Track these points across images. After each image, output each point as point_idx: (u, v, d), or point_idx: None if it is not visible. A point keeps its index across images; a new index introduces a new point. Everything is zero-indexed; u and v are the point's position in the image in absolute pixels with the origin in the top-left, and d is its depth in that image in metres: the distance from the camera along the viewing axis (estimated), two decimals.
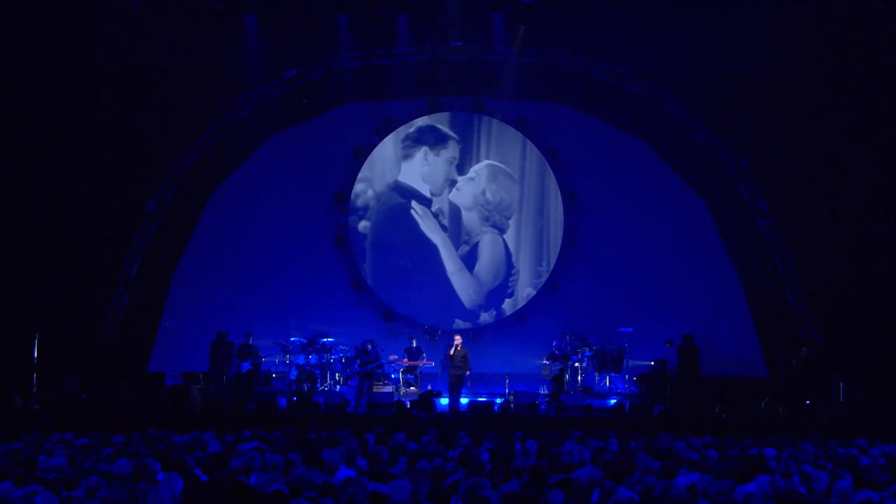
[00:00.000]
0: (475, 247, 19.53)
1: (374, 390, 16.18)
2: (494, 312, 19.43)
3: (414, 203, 19.50)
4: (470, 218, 19.55)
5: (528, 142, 19.62)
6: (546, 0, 17.33)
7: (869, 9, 16.44)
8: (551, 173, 19.54)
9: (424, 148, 19.61)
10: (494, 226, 19.56)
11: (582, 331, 17.89)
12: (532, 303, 19.37)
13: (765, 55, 17.43)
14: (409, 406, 15.18)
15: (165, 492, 6.90)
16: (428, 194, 19.57)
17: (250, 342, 16.33)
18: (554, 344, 17.00)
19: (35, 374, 16.50)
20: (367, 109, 19.56)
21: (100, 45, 17.36)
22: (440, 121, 19.72)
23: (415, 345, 17.55)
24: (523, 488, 7.32)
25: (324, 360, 17.20)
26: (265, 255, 18.98)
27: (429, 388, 17.00)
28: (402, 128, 19.65)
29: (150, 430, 11.28)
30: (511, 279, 19.53)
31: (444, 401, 16.12)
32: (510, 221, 19.61)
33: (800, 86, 17.59)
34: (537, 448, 9.34)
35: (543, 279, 19.43)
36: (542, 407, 15.88)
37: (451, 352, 16.01)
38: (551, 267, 19.44)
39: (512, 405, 15.71)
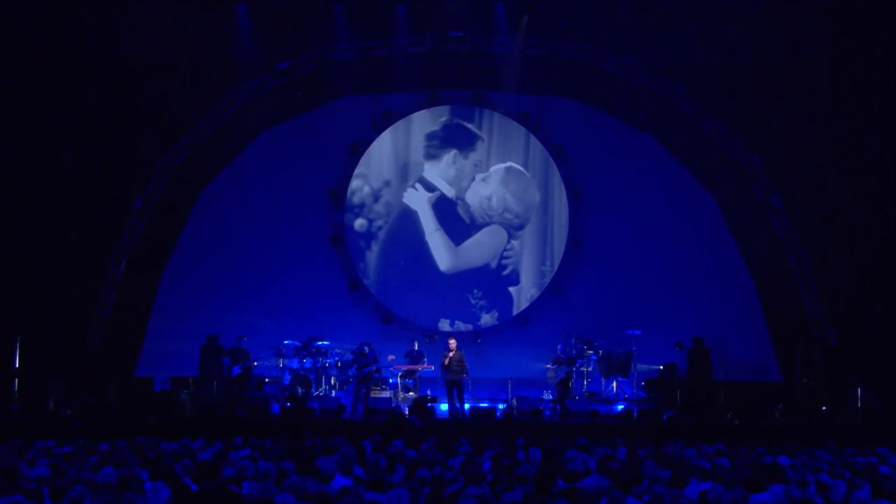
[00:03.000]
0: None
1: (372, 395, 16.16)
2: (496, 314, 19.40)
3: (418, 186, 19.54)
4: (476, 216, 19.58)
5: (532, 137, 19.59)
6: None
7: None
8: (556, 169, 19.52)
9: (454, 151, 19.57)
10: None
11: (588, 333, 17.86)
12: (536, 304, 19.35)
13: (779, 47, 17.41)
14: (407, 412, 15.18)
15: (153, 501, 6.88)
16: (452, 196, 19.55)
17: (243, 344, 16.27)
18: (559, 347, 16.99)
19: (17, 380, 16.49)
20: (364, 103, 19.54)
21: (84, 34, 17.32)
22: (468, 118, 19.67)
23: (416, 348, 17.51)
24: (527, 498, 7.30)
25: (319, 364, 17.18)
26: (258, 255, 18.95)
27: (428, 392, 16.99)
28: (427, 124, 19.61)
29: (138, 437, 11.30)
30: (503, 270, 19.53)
31: (444, 406, 16.10)
32: (520, 232, 19.54)
33: (815, 78, 17.57)
34: (541, 456, 9.34)
35: (547, 280, 19.41)
36: (547, 413, 15.87)
37: (447, 357, 15.91)
38: (556, 267, 19.42)
39: (515, 411, 15.71)
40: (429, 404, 15.53)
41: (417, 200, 19.55)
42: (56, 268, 17.49)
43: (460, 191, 19.56)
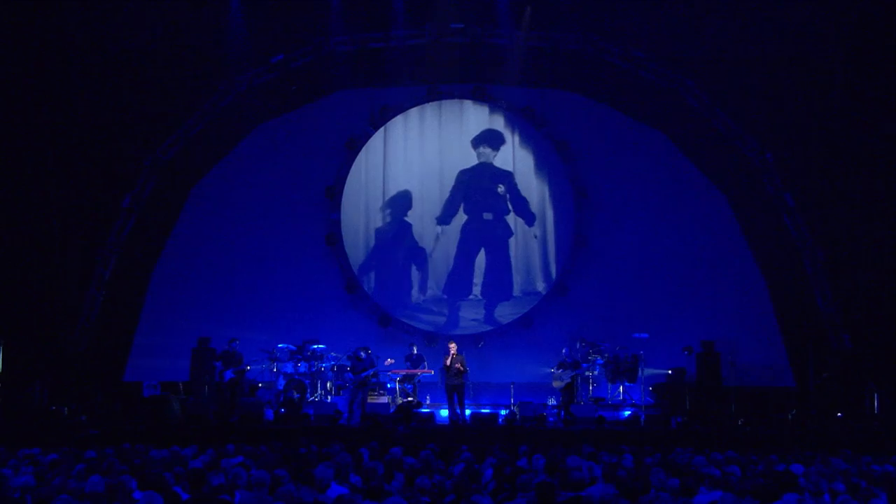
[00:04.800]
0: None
1: (370, 401, 16.16)
2: (499, 316, 19.36)
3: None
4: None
5: (536, 132, 19.59)
6: None
7: None
8: (560, 166, 19.51)
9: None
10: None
11: (593, 337, 17.86)
12: (539, 306, 19.33)
13: (793, 38, 17.38)
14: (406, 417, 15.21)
15: None
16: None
17: (235, 348, 16.29)
18: (563, 351, 16.97)
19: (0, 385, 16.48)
20: (361, 97, 19.56)
21: (72, 27, 17.32)
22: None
23: (415, 352, 17.49)
24: None
25: (314, 369, 17.16)
26: (251, 255, 18.97)
27: (427, 399, 17.00)
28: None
29: (126, 444, 11.29)
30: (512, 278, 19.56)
31: (445, 412, 16.10)
32: (524, 231, 19.56)
33: (830, 71, 17.55)
34: (545, 463, 9.34)
35: (552, 281, 19.39)
36: (551, 419, 15.87)
37: (448, 361, 15.91)
38: (560, 268, 19.40)
39: (517, 417, 15.70)
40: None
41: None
42: (41, 268, 17.48)
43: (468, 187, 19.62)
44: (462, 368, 15.82)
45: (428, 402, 17.20)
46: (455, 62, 19.14)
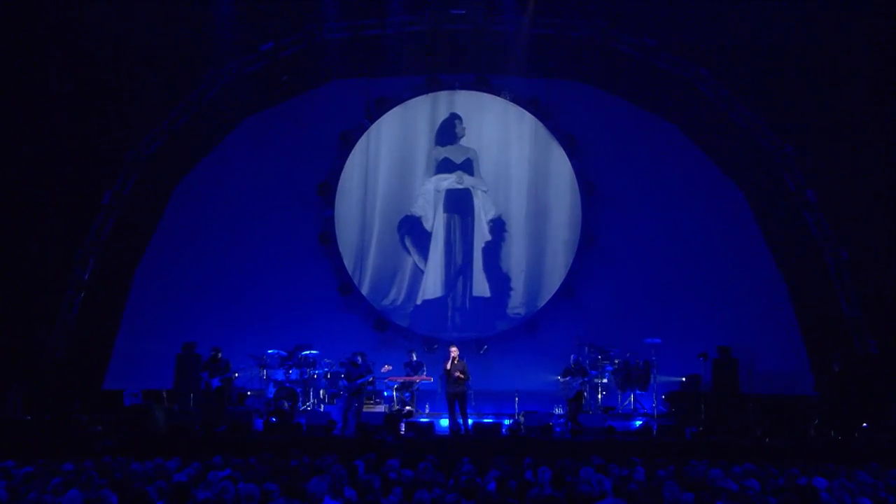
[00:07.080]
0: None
1: (365, 410, 16.15)
2: (502, 320, 19.36)
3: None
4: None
5: (541, 125, 19.59)
6: None
7: None
8: (567, 161, 19.51)
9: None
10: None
11: (602, 342, 17.87)
12: (545, 309, 19.33)
13: (814, 26, 17.37)
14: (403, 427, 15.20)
15: None
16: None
17: (219, 356, 16.26)
18: (570, 357, 16.95)
19: None
20: (356, 88, 19.56)
21: (49, 14, 17.31)
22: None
23: (415, 358, 17.50)
24: None
25: (306, 376, 17.19)
26: (239, 255, 18.96)
27: (427, 407, 16.98)
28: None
29: (106, 456, 11.28)
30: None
31: (445, 422, 16.09)
32: (528, 230, 19.57)
33: (854, 60, 17.54)
34: (551, 476, 9.31)
35: (558, 282, 19.37)
36: (557, 429, 15.86)
37: (448, 365, 15.90)
38: (567, 269, 19.39)
39: (522, 427, 15.69)
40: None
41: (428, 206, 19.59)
42: (16, 269, 17.48)
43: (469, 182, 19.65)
44: (463, 375, 15.78)
45: (427, 410, 17.19)
46: (456, 50, 19.18)
